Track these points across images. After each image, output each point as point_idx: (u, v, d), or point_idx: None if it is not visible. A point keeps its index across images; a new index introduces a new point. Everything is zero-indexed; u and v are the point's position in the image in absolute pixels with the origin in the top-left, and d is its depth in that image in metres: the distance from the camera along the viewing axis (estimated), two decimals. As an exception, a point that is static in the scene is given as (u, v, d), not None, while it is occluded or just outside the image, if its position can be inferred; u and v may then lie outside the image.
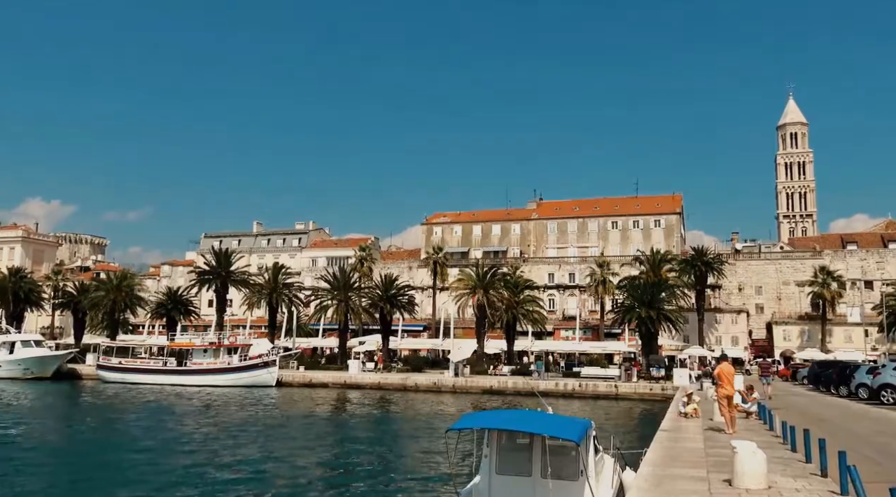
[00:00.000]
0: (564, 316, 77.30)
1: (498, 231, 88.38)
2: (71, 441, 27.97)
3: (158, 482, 18.57)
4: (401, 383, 50.48)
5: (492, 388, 48.09)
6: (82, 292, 73.95)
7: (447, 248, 79.82)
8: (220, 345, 56.73)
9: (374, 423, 33.43)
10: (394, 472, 20.38)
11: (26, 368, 59.78)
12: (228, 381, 52.58)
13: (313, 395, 46.36)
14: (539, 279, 76.95)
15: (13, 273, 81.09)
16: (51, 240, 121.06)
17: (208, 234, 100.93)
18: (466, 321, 64.18)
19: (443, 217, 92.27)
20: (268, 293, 66.05)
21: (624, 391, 45.88)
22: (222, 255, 69.75)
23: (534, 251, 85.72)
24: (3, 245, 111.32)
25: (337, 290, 61.95)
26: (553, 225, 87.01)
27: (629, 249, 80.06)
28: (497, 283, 58.69)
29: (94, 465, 21.75)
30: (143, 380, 55.09)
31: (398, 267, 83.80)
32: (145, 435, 28.22)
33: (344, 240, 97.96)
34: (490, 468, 12.49)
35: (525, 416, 13.20)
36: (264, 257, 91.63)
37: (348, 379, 52.47)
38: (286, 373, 54.32)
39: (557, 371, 54.95)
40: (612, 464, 14.71)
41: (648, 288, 55.54)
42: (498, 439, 12.48)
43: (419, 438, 27.27)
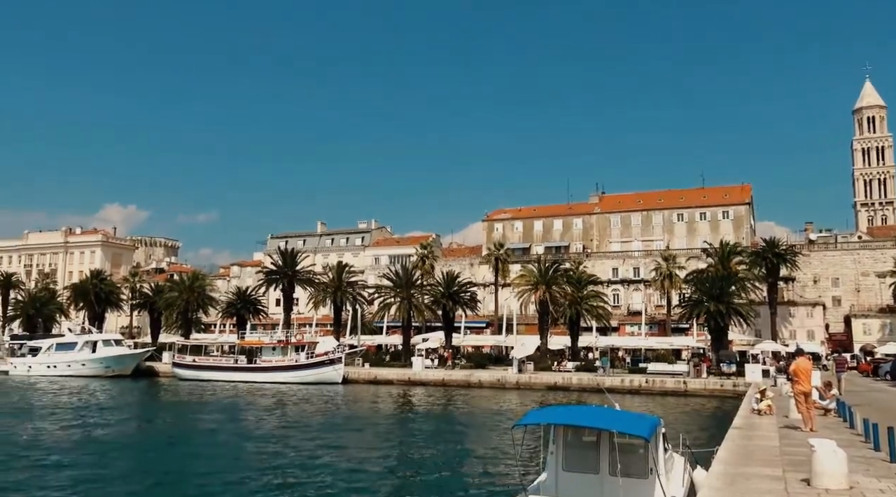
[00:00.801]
0: (629, 311, 75.92)
1: (560, 226, 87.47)
2: (154, 435, 29.22)
3: (234, 475, 19.24)
4: (464, 380, 50.61)
5: (556, 384, 47.69)
6: (157, 293, 77.07)
7: (508, 244, 79.48)
8: (288, 343, 58.18)
9: (439, 419, 33.63)
10: (460, 469, 20.46)
11: (108, 366, 62.65)
12: (296, 378, 53.82)
13: (379, 392, 47.01)
14: (603, 274, 75.78)
15: (94, 276, 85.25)
16: (128, 243, 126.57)
17: (274, 235, 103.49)
18: (529, 317, 63.82)
19: (503, 213, 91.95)
20: (332, 292, 67.30)
21: (693, 387, 44.73)
22: (288, 256, 71.53)
23: (597, 246, 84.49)
24: (85, 249, 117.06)
25: (399, 287, 62.61)
26: (616, 218, 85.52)
27: (696, 242, 77.95)
28: (559, 278, 58.13)
29: (175, 458, 22.73)
30: (215, 377, 56.95)
31: (459, 264, 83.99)
32: (221, 430, 29.31)
33: (406, 238, 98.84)
34: (557, 465, 12.40)
35: (592, 412, 13.05)
36: (328, 256, 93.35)
37: (412, 376, 52.95)
38: (352, 370, 55.23)
39: (623, 367, 54.05)
40: (682, 462, 14.38)
41: (717, 281, 53.96)
42: (564, 435, 12.37)
43: (484, 435, 27.31)
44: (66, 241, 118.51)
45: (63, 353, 65.05)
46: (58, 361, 64.39)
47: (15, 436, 26.92)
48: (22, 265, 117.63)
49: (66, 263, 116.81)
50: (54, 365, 64.16)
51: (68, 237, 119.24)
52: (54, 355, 65.37)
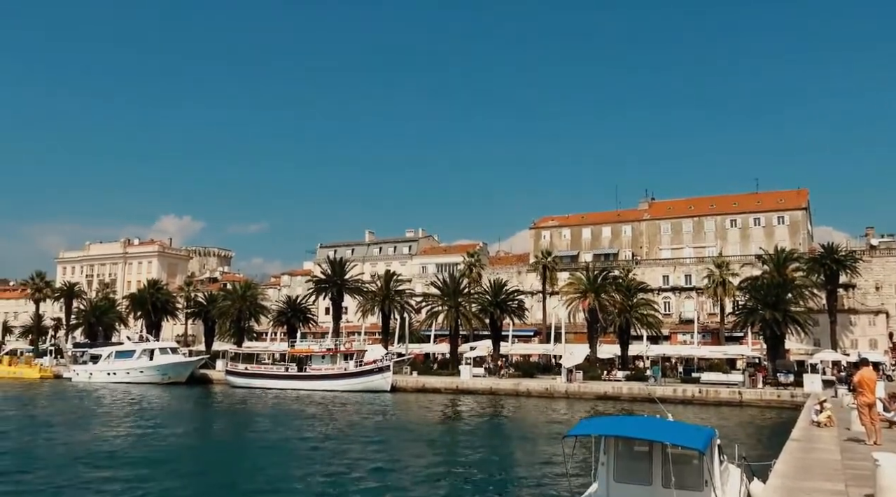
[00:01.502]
0: (681, 319, 74.39)
1: (608, 233, 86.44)
2: (210, 442, 29.97)
3: (286, 480, 19.57)
4: (513, 389, 50.35)
5: (606, 393, 47.03)
6: (211, 302, 78.97)
7: (556, 251, 78.90)
8: (337, 351, 58.88)
9: (487, 428, 33.54)
10: (509, 478, 20.38)
11: (164, 374, 64.43)
12: (345, 386, 54.37)
13: (426, 400, 47.13)
14: (653, 281, 74.50)
15: (151, 285, 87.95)
16: (183, 253, 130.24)
17: (323, 245, 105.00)
18: (578, 326, 63.17)
19: (551, 220, 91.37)
20: (380, 300, 67.85)
21: (748, 398, 43.52)
22: (337, 265, 72.52)
23: (646, 253, 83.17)
24: (143, 259, 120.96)
25: (447, 296, 62.75)
26: (666, 225, 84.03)
27: (750, 248, 75.97)
28: (609, 286, 57.40)
29: (229, 464, 23.25)
30: (266, 384, 57.95)
31: (507, 272, 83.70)
32: (273, 436, 29.81)
33: (453, 246, 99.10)
34: (608, 476, 12.24)
35: (644, 423, 12.84)
36: (376, 265, 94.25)
37: (460, 384, 52.94)
38: (400, 378, 55.52)
39: (675, 377, 52.95)
40: (738, 474, 14.01)
41: (773, 288, 52.45)
42: (615, 446, 12.21)
43: (534, 444, 27.12)
44: (125, 251, 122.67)
45: (122, 361, 67.23)
46: (117, 369, 66.57)
47: (79, 441, 27.93)
48: (84, 275, 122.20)
49: (124, 273, 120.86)
50: (114, 372, 66.34)
51: (127, 248, 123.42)
52: (114, 363, 67.60)
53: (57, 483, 19.32)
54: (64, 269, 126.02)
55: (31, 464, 22.55)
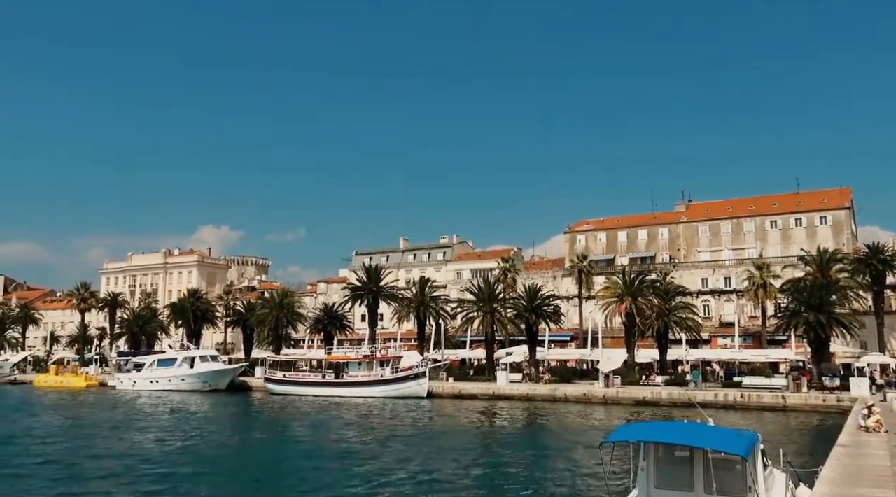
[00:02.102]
0: (721, 322, 73.04)
1: (644, 236, 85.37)
2: (252, 448, 30.37)
3: (326, 487, 19.71)
4: (549, 394, 49.99)
5: (645, 399, 46.38)
6: (249, 310, 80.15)
7: (592, 255, 78.19)
8: (374, 358, 59.16)
9: (524, 434, 33.36)
10: (547, 484, 20.21)
11: (205, 381, 65.54)
12: (382, 393, 54.61)
13: (463, 406, 47.07)
14: (691, 285, 73.29)
15: (191, 294, 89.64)
16: (221, 263, 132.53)
17: (359, 252, 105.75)
18: (615, 330, 62.43)
19: (586, 224, 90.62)
20: (416, 307, 68.02)
21: (793, 403, 42.49)
22: (372, 272, 72.98)
23: (684, 256, 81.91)
24: (183, 269, 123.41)
25: (482, 301, 62.63)
26: (704, 227, 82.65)
27: (791, 250, 74.27)
28: (646, 289, 56.66)
29: (269, 470, 23.52)
30: (304, 391, 58.52)
31: (542, 277, 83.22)
32: (311, 442, 30.13)
33: (487, 252, 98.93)
34: (648, 482, 12.06)
35: (685, 429, 12.60)
36: (411, 272, 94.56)
37: (496, 390, 52.75)
38: (436, 384, 55.55)
39: (716, 381, 51.96)
40: (784, 480, 13.66)
41: (816, 290, 51.14)
42: (655, 452, 12.02)
43: (572, 450, 26.87)
44: (166, 262, 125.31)
45: (164, 369, 68.63)
46: (160, 376, 67.95)
47: (126, 447, 28.57)
48: (127, 285, 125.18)
49: (165, 283, 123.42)
50: (156, 380, 67.73)
51: (168, 258, 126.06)
52: (156, 371, 69.04)
53: (105, 488, 19.78)
54: (108, 279, 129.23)
55: (81, 469, 23.20)
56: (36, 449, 28.15)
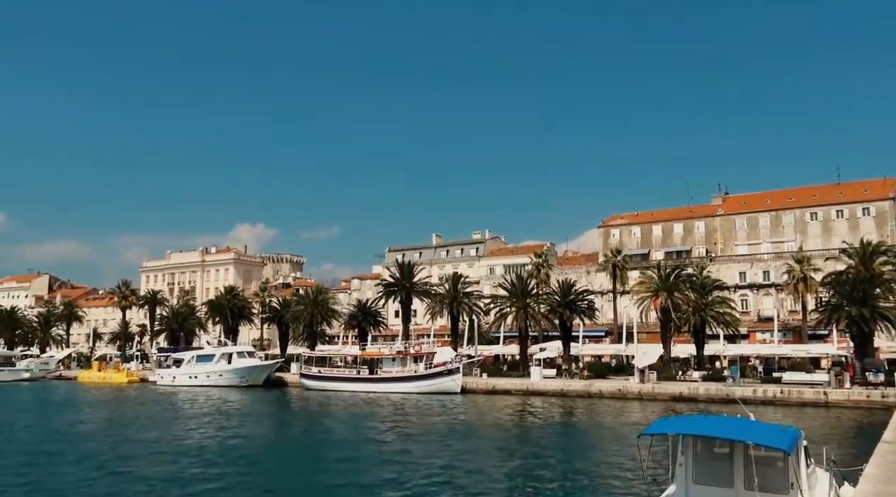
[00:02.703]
0: (760, 317, 71.66)
1: (680, 230, 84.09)
2: (290, 442, 30.83)
3: (362, 481, 19.88)
4: (584, 390, 49.63)
5: (681, 394, 45.74)
6: (285, 307, 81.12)
7: (626, 250, 77.30)
8: (407, 353, 59.40)
9: (559, 429, 33.18)
10: (583, 479, 20.07)
11: (242, 377, 66.53)
12: (416, 389, 54.81)
13: (497, 402, 47.00)
14: (729, 279, 72.02)
15: (228, 292, 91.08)
16: (257, 260, 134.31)
17: (392, 248, 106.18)
18: (650, 325, 61.69)
19: (620, 219, 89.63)
20: (449, 302, 68.08)
21: (835, 399, 41.47)
22: (405, 268, 73.25)
23: (721, 249, 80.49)
24: (220, 267, 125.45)
25: (515, 297, 62.42)
26: (742, 220, 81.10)
27: (832, 242, 72.47)
28: (682, 284, 55.86)
29: (307, 464, 23.91)
30: (339, 387, 59.04)
31: (576, 272, 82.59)
32: (347, 437, 30.43)
33: (520, 247, 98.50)
34: (686, 477, 11.87)
35: (724, 423, 12.36)
36: (444, 268, 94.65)
37: (530, 386, 52.56)
38: (470, 380, 55.55)
39: (755, 376, 51.01)
40: (827, 478, 13.35)
41: (859, 284, 49.84)
42: (694, 446, 11.82)
43: (607, 445, 26.66)
44: (203, 260, 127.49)
45: (203, 365, 69.84)
46: (198, 372, 69.17)
47: (169, 440, 29.20)
48: (166, 283, 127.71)
49: (203, 280, 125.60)
50: (195, 375, 68.96)
51: (205, 256, 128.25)
52: (195, 367, 70.30)
53: (150, 478, 20.24)
54: (147, 277, 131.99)
55: (126, 461, 23.81)
56: (81, 443, 28.93)
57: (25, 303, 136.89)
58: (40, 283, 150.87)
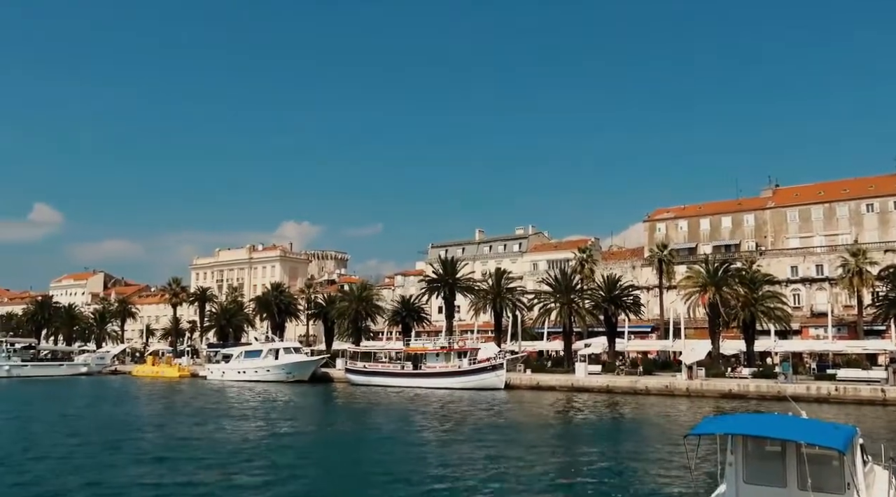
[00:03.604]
0: (813, 312, 69.63)
1: (728, 223, 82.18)
2: (338, 434, 31.28)
3: (407, 475, 20.02)
4: (630, 386, 49.02)
5: (731, 391, 44.80)
6: (330, 303, 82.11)
7: (672, 244, 75.94)
8: (451, 349, 59.53)
9: (604, 426, 32.85)
10: (628, 478, 19.81)
11: (289, 372, 67.61)
12: (459, 384, 54.89)
13: (541, 398, 46.78)
14: (780, 273, 70.13)
15: (274, 288, 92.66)
16: (302, 257, 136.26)
17: (435, 244, 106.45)
18: (698, 321, 60.54)
19: (666, 212, 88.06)
20: (492, 298, 67.93)
21: (894, 396, 40.04)
22: (448, 264, 73.37)
23: (771, 243, 78.40)
24: (266, 264, 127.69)
25: (559, 292, 61.95)
26: (793, 213, 78.80)
27: (890, 234, 69.93)
28: (730, 278, 54.64)
29: (354, 457, 24.23)
30: (384, 382, 59.50)
31: (620, 267, 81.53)
32: (394, 432, 30.70)
33: (564, 242, 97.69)
34: (736, 477, 11.59)
35: (775, 421, 12.02)
36: (487, 263, 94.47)
37: (575, 382, 52.15)
38: (514, 376, 55.39)
39: (807, 373, 49.63)
40: (886, 477, 12.89)
41: (918, 277, 48.07)
42: (744, 445, 11.54)
43: (654, 443, 26.27)
44: (251, 257, 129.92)
45: (250, 360, 71.22)
46: (246, 367, 70.58)
47: (220, 433, 29.92)
48: (214, 280, 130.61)
49: (250, 277, 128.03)
50: (244, 370, 70.39)
51: (252, 254, 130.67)
52: (243, 362, 71.74)
53: (206, 469, 20.79)
54: (197, 274, 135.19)
55: (183, 451, 24.63)
56: (142, 434, 29.91)
57: (82, 300, 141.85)
58: (96, 281, 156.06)
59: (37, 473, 20.66)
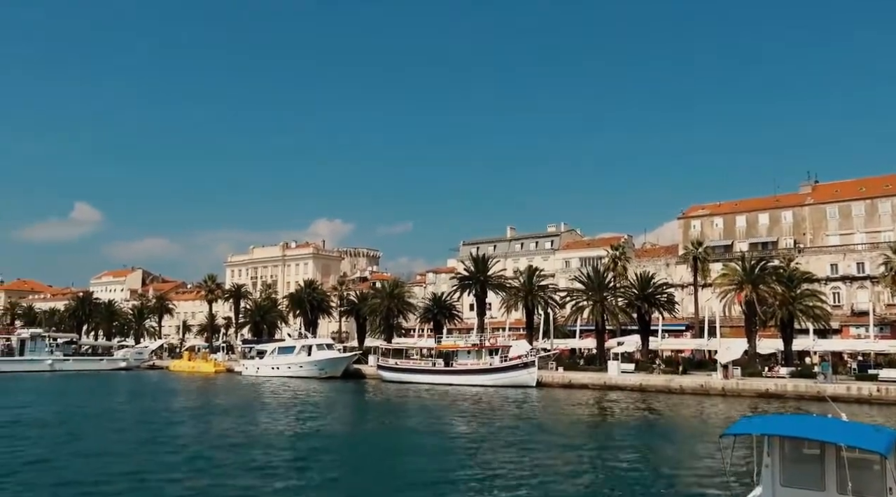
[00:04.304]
0: (854, 311, 67.95)
1: (766, 220, 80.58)
2: (370, 430, 31.59)
3: (439, 472, 20.08)
4: (664, 385, 48.45)
5: (768, 391, 43.98)
6: (362, 300, 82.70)
7: (707, 242, 74.74)
8: (482, 346, 59.50)
9: (638, 425, 32.52)
10: (661, 478, 19.59)
11: (322, 368, 68.28)
12: (491, 381, 54.85)
13: (573, 396, 46.50)
14: (819, 271, 68.59)
15: (307, 285, 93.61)
16: (335, 255, 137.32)
17: (466, 242, 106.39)
18: (734, 319, 59.49)
19: (701, 209, 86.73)
20: (523, 296, 67.68)
21: (939, 398, 38.92)
22: (479, 261, 73.30)
23: (810, 240, 76.69)
24: (299, 261, 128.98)
25: (591, 290, 61.50)
26: (833, 209, 76.93)
27: (934, 231, 67.86)
28: (767, 276, 53.60)
29: (387, 452, 24.45)
30: (415, 379, 59.72)
31: (654, 264, 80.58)
32: (425, 428, 30.85)
33: (596, 239, 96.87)
34: (773, 480, 11.38)
35: (814, 422, 11.76)
36: (518, 261, 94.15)
37: (608, 380, 51.74)
38: (545, 373, 55.15)
39: (848, 373, 48.48)
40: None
41: (965, 276, 46.58)
42: (781, 447, 11.32)
43: (689, 443, 25.97)
44: (284, 254, 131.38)
45: (284, 356, 72.10)
46: (280, 363, 71.46)
47: (256, 428, 30.41)
48: (249, 277, 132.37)
49: (283, 274, 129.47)
50: (277, 366, 71.29)
51: (285, 251, 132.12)
52: (277, 358, 72.66)
53: (240, 460, 21.16)
54: (232, 271, 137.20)
55: (221, 445, 25.16)
56: (183, 428, 30.59)
57: (121, 296, 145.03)
58: (134, 278, 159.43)
59: (79, 466, 21.22)
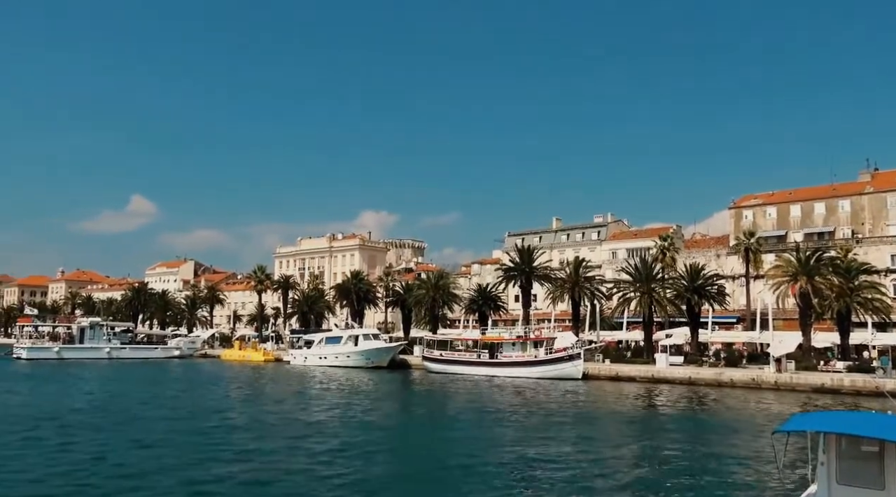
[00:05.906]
0: (916, 304, 65.34)
1: (822, 210, 77.99)
2: (418, 420, 31.88)
3: (485, 463, 20.16)
4: (714, 379, 47.52)
5: (823, 386, 42.70)
6: (408, 291, 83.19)
7: (760, 232, 72.73)
8: (527, 338, 59.24)
9: (687, 419, 31.98)
10: (712, 475, 19.21)
11: (368, 358, 69.08)
12: (536, 374, 54.61)
13: (620, 389, 46.04)
14: (879, 262, 66.09)
15: (354, 276, 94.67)
16: (381, 246, 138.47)
17: (512, 233, 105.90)
18: (787, 312, 57.88)
19: (753, 199, 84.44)
20: (569, 287, 67.06)
21: None
22: (525, 252, 72.89)
23: (869, 230, 73.94)
24: (346, 252, 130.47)
25: (639, 282, 60.58)
26: (894, 198, 74.01)
27: None
28: (823, 267, 51.93)
29: (433, 443, 24.62)
30: (460, 370, 59.90)
31: (704, 255, 78.89)
32: (471, 420, 30.98)
33: (644, 230, 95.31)
34: (829, 478, 11.06)
35: (872, 420, 11.37)
36: (564, 252, 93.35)
37: (656, 373, 51.01)
38: (592, 366, 54.66)
39: (909, 368, 46.68)
40: None
41: None
42: (838, 445, 11.00)
43: (741, 438, 25.43)
44: (331, 246, 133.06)
45: (331, 346, 73.19)
46: (327, 353, 72.57)
47: (308, 416, 31.01)
48: (297, 268, 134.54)
49: (330, 265, 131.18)
50: (325, 356, 72.41)
51: (332, 242, 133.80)
52: (324, 348, 73.80)
53: (292, 446, 21.63)
54: (280, 263, 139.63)
55: (274, 430, 25.93)
56: (233, 415, 31.36)
57: (174, 286, 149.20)
58: (187, 269, 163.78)
59: (142, 449, 22.00)
